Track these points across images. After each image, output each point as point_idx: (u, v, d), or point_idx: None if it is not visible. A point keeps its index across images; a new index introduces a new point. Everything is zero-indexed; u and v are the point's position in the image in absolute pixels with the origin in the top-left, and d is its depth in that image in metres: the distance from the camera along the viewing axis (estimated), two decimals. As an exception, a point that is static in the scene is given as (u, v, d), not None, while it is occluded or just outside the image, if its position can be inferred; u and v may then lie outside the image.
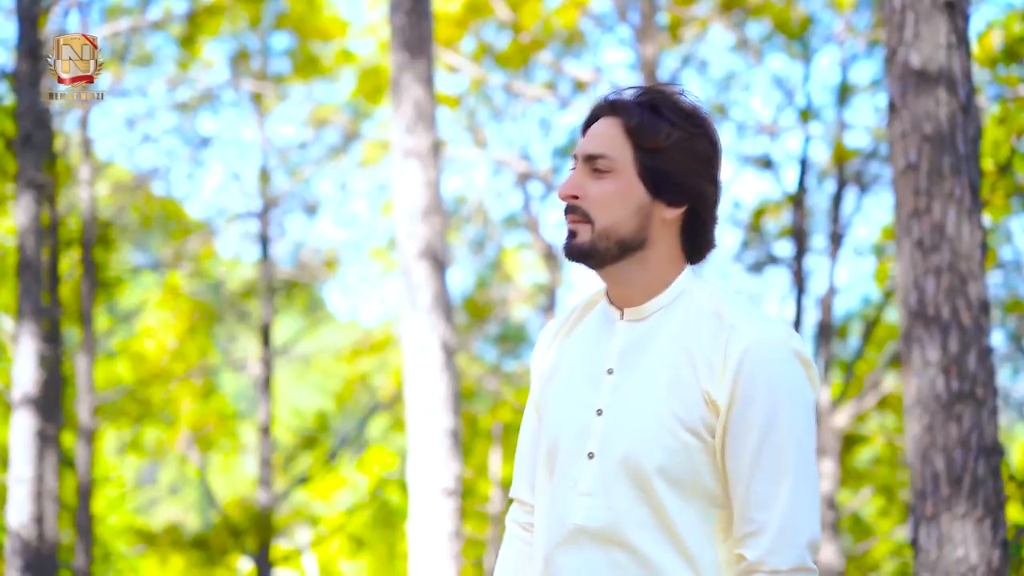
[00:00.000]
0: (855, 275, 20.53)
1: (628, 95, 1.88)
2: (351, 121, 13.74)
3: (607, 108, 1.87)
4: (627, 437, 1.83)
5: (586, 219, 1.85)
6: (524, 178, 13.26)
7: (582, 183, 1.86)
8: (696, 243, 1.88)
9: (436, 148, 6.42)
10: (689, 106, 1.86)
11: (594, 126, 1.88)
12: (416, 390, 6.18)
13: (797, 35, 12.26)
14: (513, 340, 14.69)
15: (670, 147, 1.83)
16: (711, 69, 13.31)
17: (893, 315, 12.91)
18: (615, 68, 16.43)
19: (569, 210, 1.86)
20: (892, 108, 4.13)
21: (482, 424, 14.07)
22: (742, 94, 13.32)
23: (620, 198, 1.84)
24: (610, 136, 1.85)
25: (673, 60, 12.10)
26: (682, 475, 1.81)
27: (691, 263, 1.90)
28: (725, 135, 15.07)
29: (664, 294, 1.87)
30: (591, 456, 1.85)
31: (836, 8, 12.25)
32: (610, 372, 1.87)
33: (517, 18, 11.74)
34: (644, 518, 1.81)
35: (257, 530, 13.23)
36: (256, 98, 13.62)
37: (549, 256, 13.22)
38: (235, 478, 19.45)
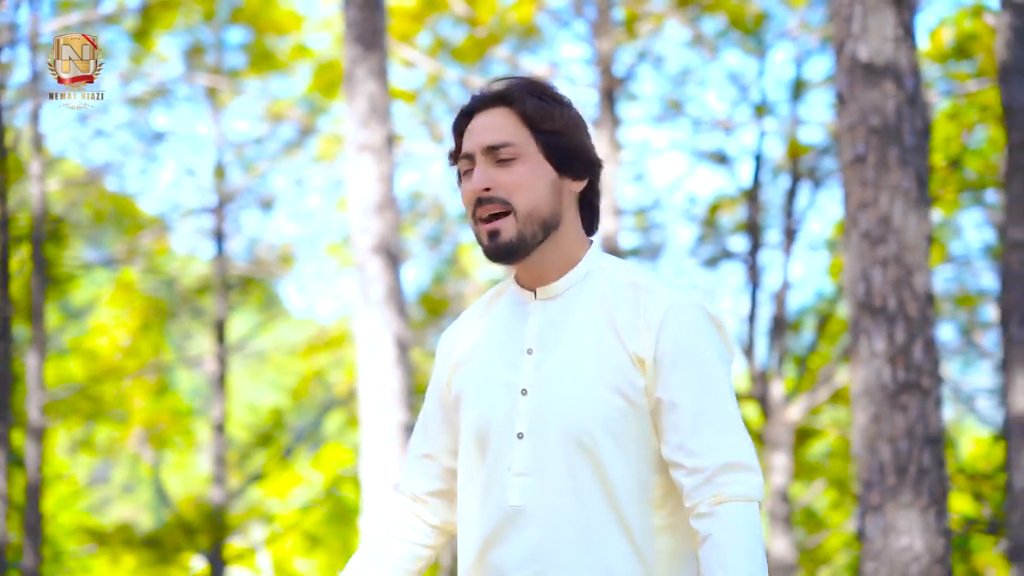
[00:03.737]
0: (809, 270, 20.70)
1: (501, 86, 1.90)
2: (306, 116, 13.68)
3: (490, 101, 1.89)
4: (559, 412, 1.84)
5: (505, 208, 1.85)
6: (480, 173, 13.19)
7: (490, 175, 1.87)
8: (593, 213, 1.94)
9: (390, 142, 6.40)
10: (559, 91, 1.93)
11: (476, 123, 1.90)
12: (369, 385, 6.16)
13: (751, 31, 12.33)
14: (469, 335, 14.67)
15: (565, 125, 1.88)
16: (667, 64, 13.37)
17: (846, 309, 13.03)
18: (571, 63, 16.46)
19: (483, 202, 1.86)
20: (840, 100, 4.17)
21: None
22: (697, 89, 13.38)
23: (534, 179, 1.86)
24: (506, 125, 1.88)
25: (629, 55, 12.14)
26: (618, 441, 1.82)
27: (590, 234, 1.95)
28: (681, 130, 15.13)
29: (575, 270, 1.90)
30: (520, 436, 1.85)
31: (790, 4, 12.33)
32: (529, 352, 1.88)
33: (473, 13, 11.73)
34: (581, 492, 1.82)
35: (210, 528, 13.14)
36: (211, 93, 13.52)
37: (505, 251, 13.17)
38: (189, 476, 19.30)
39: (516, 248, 1.85)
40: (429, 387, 2.04)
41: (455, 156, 1.94)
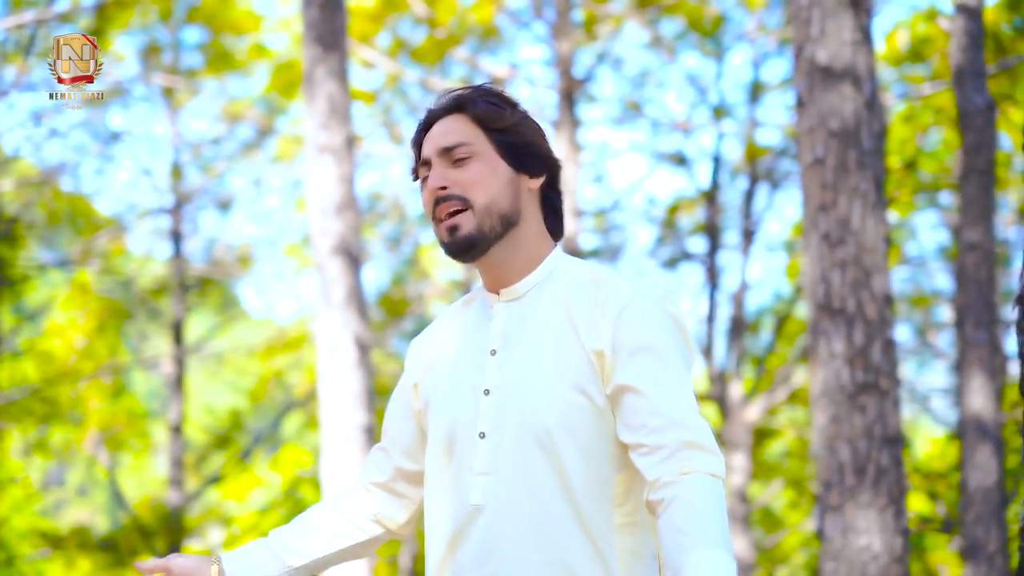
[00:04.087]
0: (767, 271, 20.85)
1: (451, 95, 1.96)
2: (265, 116, 13.60)
3: (444, 110, 1.95)
4: (518, 411, 1.85)
5: (464, 204, 1.89)
6: (440, 174, 13.18)
7: (447, 174, 1.92)
8: (556, 215, 1.97)
9: (350, 143, 6.38)
10: (510, 96, 1.98)
11: (435, 129, 1.95)
12: (329, 386, 6.14)
13: (710, 33, 12.40)
14: (429, 337, 14.65)
15: (516, 123, 1.93)
16: (626, 66, 13.42)
17: (804, 310, 13.13)
18: (531, 64, 16.48)
19: (441, 201, 1.90)
20: (800, 103, 4.20)
21: (398, 421, 14.01)
22: (656, 91, 13.44)
23: (490, 175, 1.90)
24: (459, 128, 1.93)
25: (588, 57, 12.17)
26: (577, 439, 1.83)
27: (554, 236, 1.97)
28: (640, 132, 15.18)
29: (538, 270, 1.93)
30: (482, 436, 1.87)
31: (748, 7, 12.41)
32: (493, 353, 1.90)
33: (433, 13, 11.71)
34: (539, 489, 1.83)
35: (168, 531, 13.04)
36: (167, 92, 13.42)
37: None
38: (145, 479, 19.14)
39: (475, 241, 1.88)
40: (396, 387, 2.06)
41: (416, 170, 1.99)
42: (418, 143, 1.99)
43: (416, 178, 1.99)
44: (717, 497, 1.72)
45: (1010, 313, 13.42)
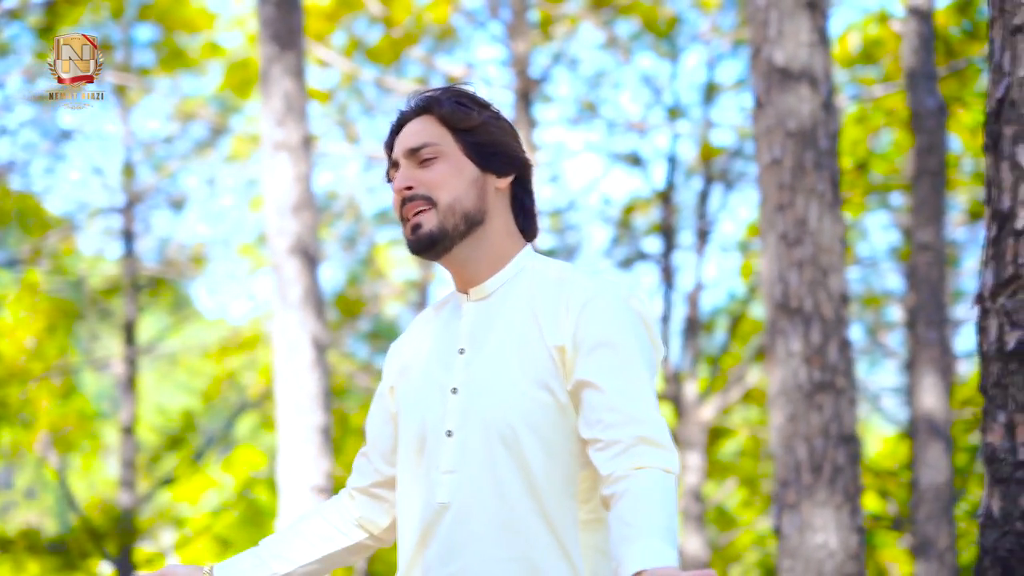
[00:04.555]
0: (721, 271, 20.98)
1: (419, 97, 1.98)
2: (218, 115, 13.50)
3: (413, 112, 1.97)
4: (484, 408, 1.86)
5: (428, 203, 1.91)
6: (395, 174, 13.16)
7: (413, 175, 1.94)
8: (527, 215, 1.98)
9: (307, 142, 6.35)
10: (479, 96, 1.99)
11: (404, 131, 1.97)
12: (286, 387, 6.10)
13: (665, 34, 12.46)
14: (385, 337, 14.61)
15: (484, 123, 1.95)
16: (581, 67, 13.45)
17: (758, 310, 13.23)
18: (487, 64, 16.48)
19: (407, 201, 1.92)
20: (757, 104, 4.22)
21: (354, 421, 13.97)
22: (611, 92, 13.49)
23: (454, 174, 1.92)
24: (426, 129, 1.95)
25: (544, 57, 12.19)
26: (541, 436, 1.84)
27: (526, 240, 1.98)
28: (595, 132, 15.23)
29: (506, 269, 1.94)
30: (449, 434, 1.88)
31: (702, 8, 12.49)
32: (461, 352, 1.92)
33: (389, 13, 11.68)
34: (502, 486, 1.83)
35: (119, 533, 12.92)
36: (119, 91, 13.28)
37: (421, 252, 13.14)
38: (95, 481, 18.94)
39: (436, 239, 1.89)
40: (375, 393, 2.09)
41: (388, 172, 2.01)
42: (389, 145, 2.00)
43: (389, 180, 1.99)
44: (666, 491, 1.73)
45: (960, 313, 13.60)
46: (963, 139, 11.66)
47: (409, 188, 1.91)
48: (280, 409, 6.14)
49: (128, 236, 13.39)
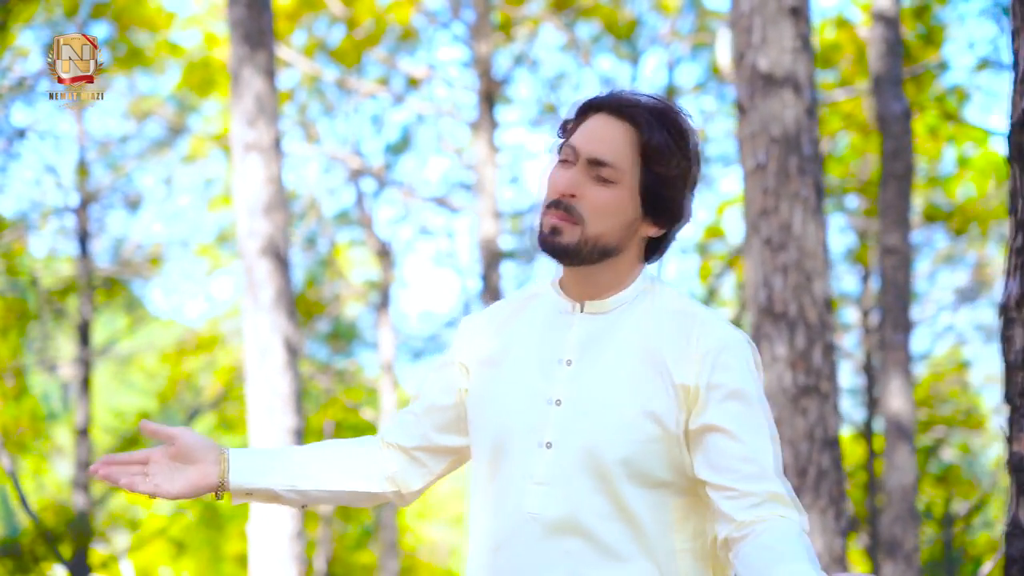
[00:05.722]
0: (680, 273, 21.06)
1: (642, 103, 1.86)
2: (176, 114, 13.36)
3: (622, 109, 1.86)
4: (590, 427, 1.84)
5: (578, 219, 1.84)
6: (357, 174, 13.13)
7: (582, 184, 1.85)
8: (660, 250, 1.93)
9: (278, 142, 6.30)
10: (690, 131, 1.88)
11: (599, 125, 1.86)
12: (257, 389, 6.05)
13: (625, 36, 12.51)
14: (345, 338, 14.53)
15: (675, 175, 1.86)
16: (542, 68, 13.46)
17: (746, 315, 13.29)
18: (449, 65, 16.45)
19: (558, 206, 1.85)
20: (741, 110, 4.24)
21: (314, 423, 13.88)
22: (572, 94, 13.50)
23: (616, 211, 1.85)
24: (621, 146, 1.85)
25: (506, 58, 12.18)
26: (643, 466, 1.83)
27: (647, 262, 1.95)
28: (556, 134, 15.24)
29: (627, 291, 1.91)
30: (548, 446, 1.85)
31: (662, 11, 12.54)
32: (568, 363, 1.88)
33: (351, 13, 11.62)
34: (602, 507, 1.82)
35: (73, 536, 12.74)
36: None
37: (382, 253, 13.13)
38: (44, 482, 18.67)
39: (568, 254, 1.85)
40: (440, 358, 2.03)
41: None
42: (583, 112, 1.88)
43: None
44: (807, 541, 1.76)
45: (920, 314, 13.76)
46: (921, 142, 11.80)
47: (572, 196, 1.84)
48: (251, 411, 6.09)
49: (83, 236, 13.21)
